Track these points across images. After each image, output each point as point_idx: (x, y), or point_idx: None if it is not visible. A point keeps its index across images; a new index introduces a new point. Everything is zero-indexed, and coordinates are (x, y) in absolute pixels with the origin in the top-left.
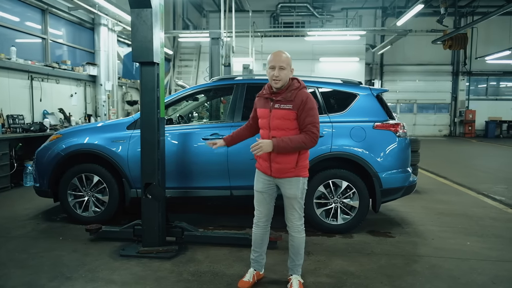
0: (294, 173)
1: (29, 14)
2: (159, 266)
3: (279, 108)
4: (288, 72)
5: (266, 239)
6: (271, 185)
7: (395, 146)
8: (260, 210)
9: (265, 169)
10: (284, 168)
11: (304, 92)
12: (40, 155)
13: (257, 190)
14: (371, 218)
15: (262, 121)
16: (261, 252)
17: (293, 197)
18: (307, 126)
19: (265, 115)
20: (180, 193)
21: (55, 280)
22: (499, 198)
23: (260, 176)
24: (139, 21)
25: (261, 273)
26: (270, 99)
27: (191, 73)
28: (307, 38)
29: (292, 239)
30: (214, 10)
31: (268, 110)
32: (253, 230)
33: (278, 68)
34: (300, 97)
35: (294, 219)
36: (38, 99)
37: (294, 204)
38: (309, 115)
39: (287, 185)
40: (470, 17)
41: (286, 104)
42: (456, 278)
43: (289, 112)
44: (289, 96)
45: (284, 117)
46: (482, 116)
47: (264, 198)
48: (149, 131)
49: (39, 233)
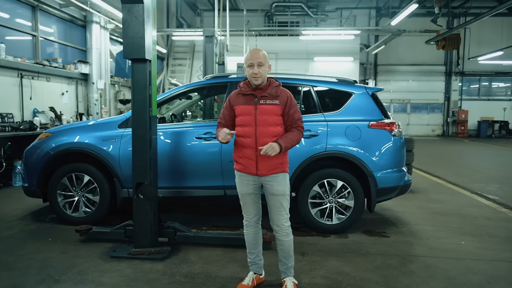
0: (281, 169)
1: (19, 11)
2: (151, 268)
3: (265, 104)
4: (266, 68)
5: (260, 238)
6: (256, 185)
7: (390, 145)
8: (249, 211)
9: (249, 169)
10: (272, 164)
11: (285, 89)
12: (29, 154)
13: (243, 193)
14: (366, 218)
15: (245, 118)
16: (257, 253)
17: (281, 193)
18: (296, 121)
19: (249, 112)
20: (173, 193)
21: (42, 282)
22: (493, 198)
23: (243, 178)
24: (131, 17)
25: (261, 277)
26: (253, 96)
27: (185, 72)
28: (302, 37)
29: (281, 243)
30: (208, 8)
31: (252, 106)
32: (244, 232)
33: (256, 64)
34: (284, 93)
35: (283, 220)
36: (28, 98)
37: (283, 202)
38: (297, 111)
39: (275, 182)
40: (463, 18)
41: (272, 100)
42: (451, 278)
43: (276, 108)
44: (274, 92)
45: (272, 113)
46: (474, 116)
47: (251, 199)
48: (141, 130)
49: (28, 234)
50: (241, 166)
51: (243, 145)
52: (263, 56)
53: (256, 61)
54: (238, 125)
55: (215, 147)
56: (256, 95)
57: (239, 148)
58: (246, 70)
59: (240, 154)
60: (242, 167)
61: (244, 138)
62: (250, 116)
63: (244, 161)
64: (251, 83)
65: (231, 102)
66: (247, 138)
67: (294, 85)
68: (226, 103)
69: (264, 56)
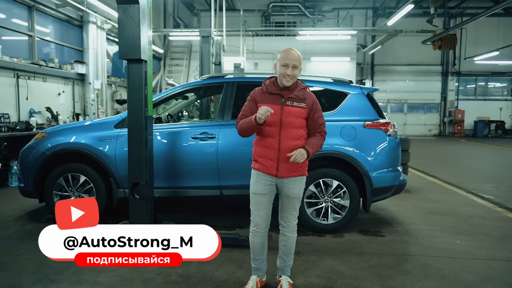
0: (300, 172)
1: (15, 11)
2: (147, 268)
3: (292, 105)
4: (299, 71)
5: (266, 244)
6: (272, 186)
7: (385, 145)
8: (259, 215)
9: (269, 169)
10: (293, 166)
11: (311, 92)
12: (25, 155)
13: (257, 192)
14: (361, 218)
15: (271, 118)
16: (262, 259)
17: (296, 196)
18: (320, 126)
19: (275, 112)
20: (169, 193)
21: (38, 283)
22: (488, 197)
23: (261, 178)
24: (126, 17)
25: (263, 280)
26: (280, 96)
27: (182, 72)
28: (299, 37)
29: (285, 239)
30: (205, 9)
31: (279, 106)
32: (251, 239)
33: (291, 66)
34: (311, 97)
35: (292, 219)
36: (24, 98)
37: (295, 204)
38: (321, 116)
39: (292, 185)
40: (459, 18)
41: (299, 102)
42: (446, 277)
43: (302, 111)
44: (301, 95)
45: (297, 115)
46: (471, 116)
47: (265, 200)
48: (137, 130)
49: (24, 235)
50: (261, 166)
51: (265, 145)
52: (298, 59)
53: (291, 62)
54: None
55: (211, 147)
56: (283, 95)
57: (260, 147)
58: (278, 69)
59: (261, 153)
60: (261, 166)
61: (267, 138)
62: (276, 116)
63: (265, 161)
64: (279, 83)
65: (256, 98)
66: (270, 138)
67: None
68: (250, 98)
69: (300, 58)
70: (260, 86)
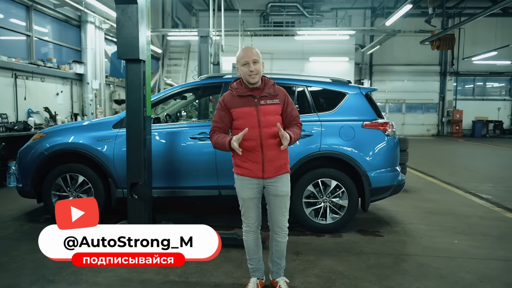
0: (285, 169)
1: (13, 11)
2: (145, 268)
3: (266, 104)
4: (260, 65)
5: (260, 243)
6: (259, 188)
7: (384, 145)
8: (251, 216)
9: (255, 173)
10: (278, 165)
11: (280, 87)
12: (23, 155)
13: (246, 197)
14: (360, 217)
15: (247, 120)
16: (258, 258)
17: (286, 194)
18: (295, 118)
19: (251, 114)
20: (168, 193)
21: (36, 283)
22: (486, 197)
23: (246, 182)
24: (125, 17)
25: (263, 281)
26: (252, 96)
27: (180, 72)
28: (297, 37)
29: (278, 244)
30: (204, 8)
31: (253, 108)
32: (244, 239)
33: (252, 62)
34: (282, 91)
35: (285, 221)
36: (22, 98)
37: (286, 203)
38: (294, 108)
39: (280, 183)
40: (457, 18)
41: (272, 99)
42: (444, 277)
43: (277, 107)
44: (272, 91)
45: (274, 112)
46: (469, 116)
47: (254, 203)
48: (135, 130)
49: (22, 235)
50: (246, 170)
51: (247, 148)
52: (256, 53)
53: (251, 58)
54: (238, 129)
55: (209, 147)
56: (255, 95)
57: (242, 152)
58: (240, 69)
59: (244, 158)
60: (247, 171)
61: (247, 142)
62: (253, 118)
63: (249, 165)
64: (246, 83)
65: (226, 104)
66: (251, 141)
67: (288, 85)
68: (219, 105)
69: (258, 53)
70: (227, 91)
